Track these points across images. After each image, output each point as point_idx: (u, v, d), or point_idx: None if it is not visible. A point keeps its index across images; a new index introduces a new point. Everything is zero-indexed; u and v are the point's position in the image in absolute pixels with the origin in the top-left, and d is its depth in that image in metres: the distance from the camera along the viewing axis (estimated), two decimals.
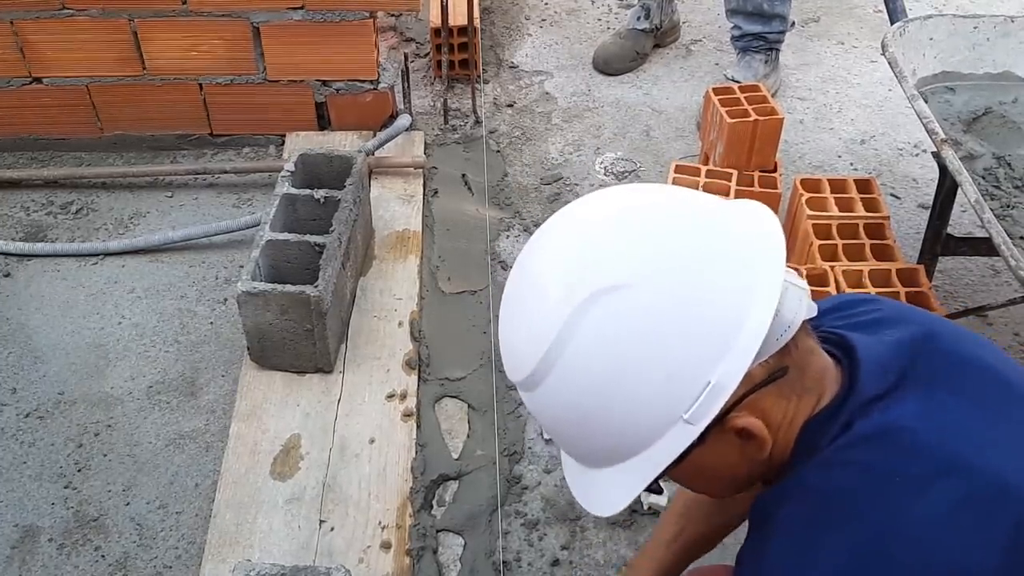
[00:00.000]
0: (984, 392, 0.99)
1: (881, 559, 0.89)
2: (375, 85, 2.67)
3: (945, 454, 0.92)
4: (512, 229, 2.52)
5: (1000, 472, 0.92)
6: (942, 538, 0.89)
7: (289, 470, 1.85)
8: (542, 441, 1.98)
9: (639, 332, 0.88)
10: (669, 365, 0.89)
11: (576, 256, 0.92)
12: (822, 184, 2.30)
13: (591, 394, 0.91)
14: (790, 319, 0.91)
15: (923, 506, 0.90)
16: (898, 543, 0.89)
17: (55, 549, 1.79)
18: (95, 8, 2.51)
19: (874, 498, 0.91)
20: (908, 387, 0.97)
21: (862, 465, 0.93)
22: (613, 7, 3.52)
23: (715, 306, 0.89)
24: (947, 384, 0.98)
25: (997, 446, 0.94)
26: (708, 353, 0.88)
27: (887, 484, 0.91)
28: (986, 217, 1.71)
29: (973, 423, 0.96)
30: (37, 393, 2.07)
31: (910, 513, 0.90)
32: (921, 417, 0.95)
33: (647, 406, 0.90)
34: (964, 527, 0.89)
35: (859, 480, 0.93)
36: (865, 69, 3.18)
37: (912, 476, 0.91)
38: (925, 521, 0.89)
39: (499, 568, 1.76)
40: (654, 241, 0.91)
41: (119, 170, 2.66)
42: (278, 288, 1.92)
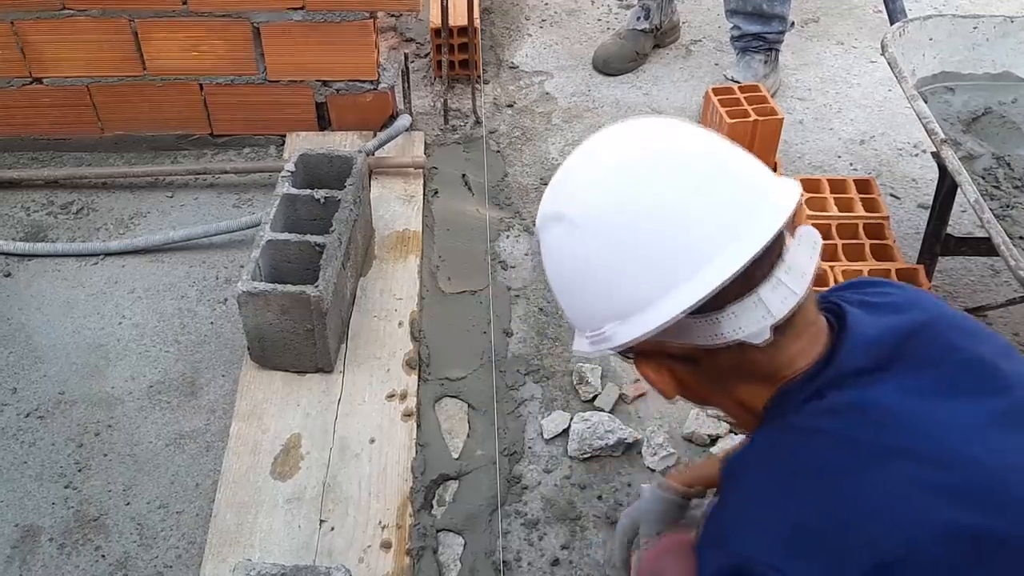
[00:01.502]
0: (971, 383, 0.99)
1: (835, 525, 0.91)
2: (375, 85, 2.67)
3: (912, 435, 0.94)
4: (512, 229, 2.52)
5: (965, 460, 0.93)
6: (896, 513, 0.90)
7: (289, 470, 1.85)
8: (542, 441, 1.98)
9: (568, 263, 1.02)
10: (578, 298, 1.03)
11: (568, 177, 1.05)
12: (822, 184, 2.30)
13: (550, 279, 1.08)
14: (732, 332, 0.96)
15: (881, 479, 0.92)
16: (853, 511, 0.91)
17: (56, 549, 1.79)
18: (95, 8, 2.51)
19: (834, 466, 0.94)
20: (893, 369, 0.99)
21: (827, 433, 0.97)
22: (613, 7, 3.52)
23: (631, 281, 0.96)
24: (933, 372, 0.99)
25: (969, 435, 0.95)
26: (606, 312, 0.99)
27: (849, 454, 0.94)
28: (986, 217, 1.72)
29: (950, 411, 0.96)
30: (38, 393, 2.07)
31: (867, 484, 0.92)
32: (897, 397, 0.96)
33: (572, 309, 1.06)
34: (918, 506, 0.90)
35: (821, 448, 0.96)
36: (865, 69, 3.18)
37: (875, 449, 0.94)
38: (881, 494, 0.91)
39: (499, 568, 1.76)
40: (620, 198, 0.97)
41: (119, 170, 2.66)
42: (278, 288, 1.92)
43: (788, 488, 0.96)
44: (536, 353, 2.17)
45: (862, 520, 0.90)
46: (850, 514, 0.91)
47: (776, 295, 0.96)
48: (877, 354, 1.00)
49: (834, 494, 0.93)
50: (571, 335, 1.13)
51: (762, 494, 0.97)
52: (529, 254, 2.44)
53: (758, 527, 0.95)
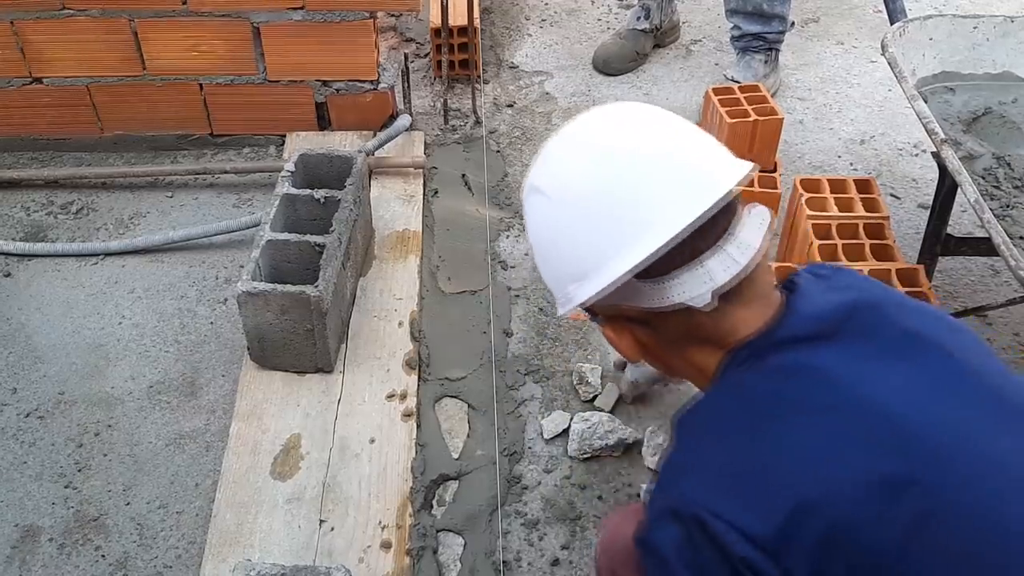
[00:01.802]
0: (909, 351, 1.06)
1: (760, 469, 1.00)
2: (375, 85, 2.67)
3: (839, 393, 1.02)
4: (512, 229, 2.52)
5: (887, 415, 0.99)
6: (815, 460, 0.98)
7: (289, 470, 1.85)
8: (542, 441, 1.98)
9: (540, 229, 1.15)
10: (549, 261, 1.16)
11: (545, 153, 1.16)
12: (822, 184, 2.30)
13: (530, 246, 1.20)
14: (677, 295, 1.06)
15: (805, 430, 1.00)
16: (776, 458, 1.00)
17: (55, 549, 1.79)
18: (95, 8, 2.51)
19: (762, 418, 1.03)
20: (834, 338, 1.06)
21: (760, 390, 1.06)
22: (613, 7, 3.52)
23: (586, 245, 1.08)
24: (872, 341, 1.06)
25: (897, 394, 1.01)
26: (568, 274, 1.11)
27: (777, 408, 1.03)
28: (986, 217, 1.72)
29: (883, 374, 1.03)
30: (37, 393, 2.07)
31: (792, 434, 1.00)
32: (832, 362, 1.04)
33: (546, 274, 1.18)
34: (836, 455, 0.98)
35: (753, 402, 1.05)
36: (865, 69, 3.18)
37: (802, 404, 1.02)
38: (803, 442, 0.99)
39: (499, 568, 1.76)
40: (582, 173, 1.09)
41: (119, 170, 2.66)
42: (278, 288, 1.92)
43: (720, 437, 1.06)
44: (536, 353, 2.17)
45: (785, 466, 0.99)
46: (774, 460, 1.00)
47: (720, 264, 1.05)
48: (819, 325, 1.07)
49: (760, 442, 1.02)
50: None
51: (698, 443, 1.09)
52: (529, 254, 2.44)
53: (692, 472, 1.05)
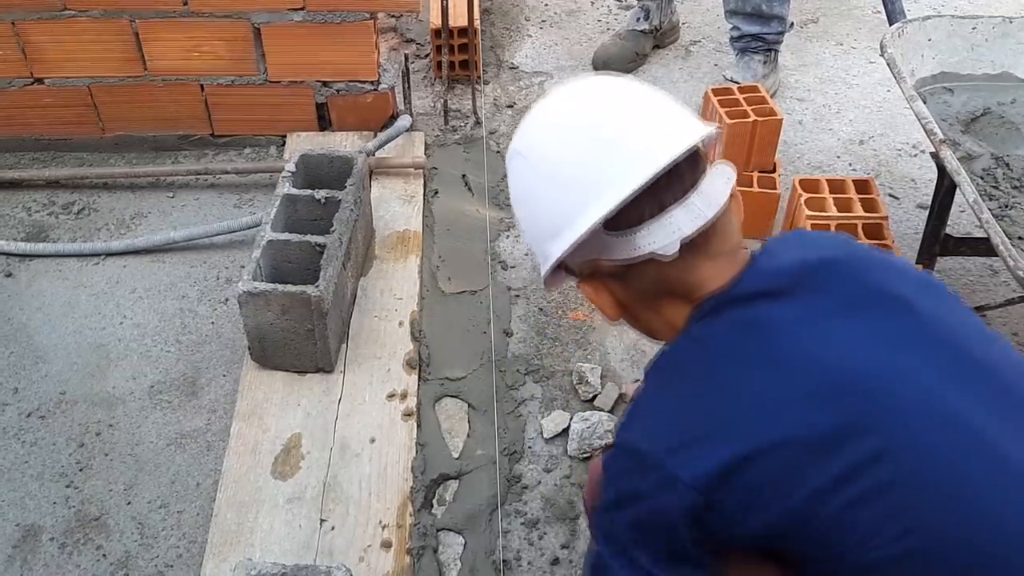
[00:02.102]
0: (868, 306, 1.11)
1: (704, 418, 1.08)
2: (376, 86, 2.67)
3: (789, 347, 1.07)
4: (512, 229, 2.52)
5: (834, 369, 1.04)
6: (757, 411, 1.05)
7: (290, 469, 1.86)
8: (542, 441, 1.99)
9: (520, 190, 1.25)
10: (529, 221, 1.23)
11: (525, 121, 1.24)
12: (821, 184, 2.30)
13: (513, 208, 1.29)
14: (646, 245, 1.12)
15: (750, 382, 1.06)
16: (720, 407, 1.07)
17: (57, 548, 1.79)
18: (96, 9, 2.51)
19: (711, 369, 1.11)
20: (792, 293, 1.11)
21: (713, 342, 1.13)
22: (613, 8, 3.53)
23: (558, 203, 1.16)
24: (831, 297, 1.11)
25: (849, 348, 1.06)
26: (545, 231, 1.19)
27: (727, 360, 1.10)
28: (984, 217, 1.72)
29: (838, 329, 1.08)
30: (39, 393, 2.08)
31: (737, 385, 1.07)
32: (787, 316, 1.10)
33: (528, 234, 1.25)
34: (777, 408, 1.04)
35: (705, 354, 1.13)
36: (864, 70, 3.19)
37: (752, 357, 1.08)
38: (747, 394, 1.06)
39: (499, 567, 1.76)
40: (555, 136, 1.18)
41: (121, 170, 2.66)
42: (279, 288, 1.93)
43: (671, 387, 1.15)
44: (536, 353, 2.17)
45: (728, 415, 1.06)
46: (718, 409, 1.07)
47: (686, 215, 1.12)
48: (778, 280, 1.13)
49: (706, 392, 1.09)
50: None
51: (652, 392, 1.18)
52: (529, 254, 2.45)
53: (646, 416, 1.15)
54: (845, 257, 1.17)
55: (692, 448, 1.06)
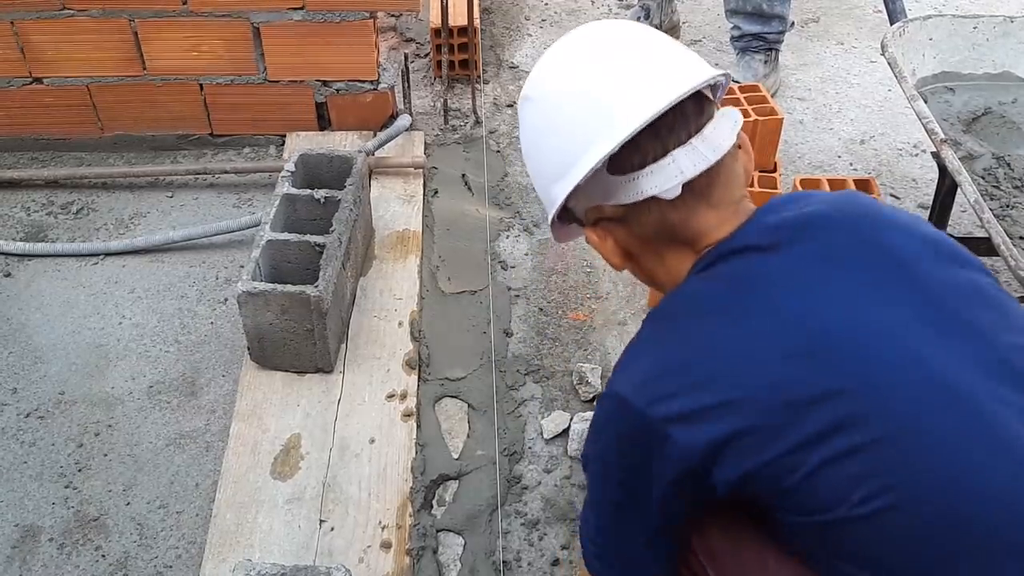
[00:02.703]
0: (859, 261, 1.10)
1: (686, 366, 1.09)
2: (375, 85, 2.67)
3: (773, 301, 1.08)
4: (512, 229, 2.52)
5: (814, 325, 1.05)
6: (736, 363, 1.06)
7: (289, 470, 1.85)
8: (542, 441, 1.99)
9: (528, 134, 1.26)
10: (536, 163, 1.25)
11: (536, 66, 1.26)
12: (822, 184, 2.29)
13: (523, 152, 1.30)
14: (648, 187, 1.13)
15: (732, 334, 1.08)
16: (702, 357, 1.09)
17: (56, 549, 1.79)
18: (96, 8, 2.51)
19: (697, 320, 1.12)
20: (786, 248, 1.11)
21: (702, 294, 1.14)
22: (613, 7, 3.52)
23: (563, 143, 1.17)
24: (824, 255, 1.11)
25: (830, 303, 1.07)
26: (550, 174, 1.20)
27: (712, 311, 1.11)
28: (985, 217, 1.72)
29: (823, 283, 1.08)
30: (38, 393, 2.07)
31: (719, 336, 1.09)
32: (774, 270, 1.10)
33: (536, 178, 1.26)
34: (756, 360, 1.05)
35: (692, 305, 1.14)
36: (865, 69, 3.18)
37: (736, 309, 1.09)
38: (728, 345, 1.07)
39: (499, 568, 1.76)
40: (562, 77, 1.19)
41: (120, 170, 2.66)
42: (278, 288, 1.92)
43: (658, 336, 1.17)
44: (536, 353, 2.17)
45: (709, 365, 1.08)
46: (700, 359, 1.09)
47: (689, 158, 1.12)
48: (774, 234, 1.13)
49: (689, 342, 1.11)
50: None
51: (640, 341, 1.19)
52: (529, 254, 2.44)
53: (633, 363, 1.17)
54: (848, 212, 1.16)
55: (670, 397, 1.08)
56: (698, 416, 1.05)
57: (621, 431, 1.14)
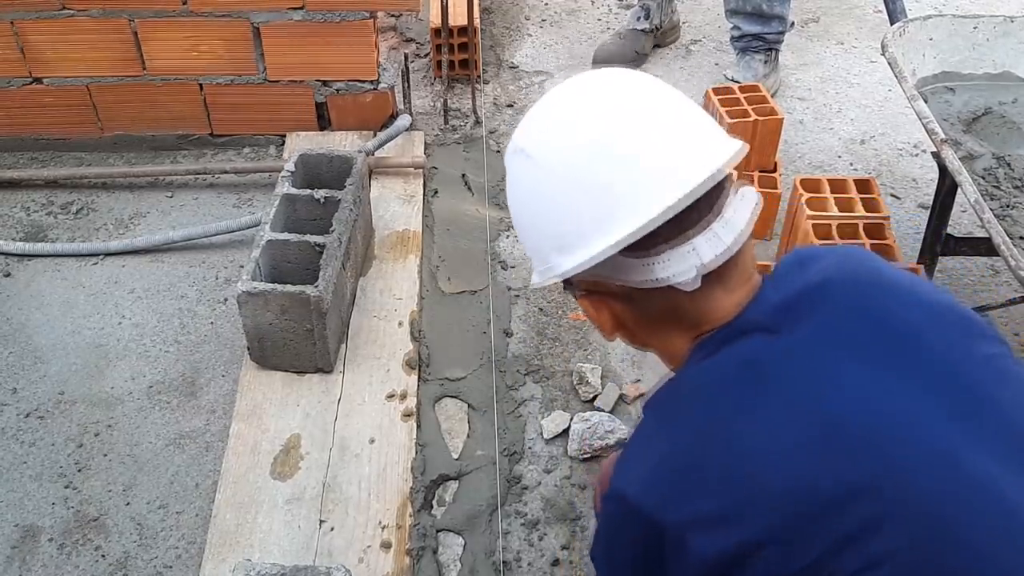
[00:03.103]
0: (868, 341, 1.04)
1: (691, 466, 1.01)
2: (375, 85, 2.67)
3: (786, 391, 1.00)
4: (512, 229, 2.52)
5: (830, 416, 0.98)
6: (746, 463, 0.98)
7: (289, 470, 1.85)
8: (542, 441, 1.98)
9: (523, 193, 1.13)
10: (531, 228, 1.13)
11: (533, 116, 1.13)
12: (822, 184, 2.30)
13: (511, 209, 1.18)
14: (662, 272, 1.04)
15: (741, 430, 1.00)
16: (710, 457, 1.00)
17: (55, 549, 1.79)
18: (95, 8, 2.51)
19: (703, 414, 1.04)
20: (795, 328, 1.04)
21: (708, 384, 1.06)
22: (613, 7, 3.52)
23: (570, 215, 1.06)
24: (837, 334, 1.04)
25: (847, 391, 0.99)
26: (550, 242, 1.09)
27: (720, 404, 1.03)
28: (986, 217, 1.72)
29: (836, 368, 1.01)
30: (37, 393, 2.07)
31: (728, 433, 1.00)
32: (787, 355, 1.03)
33: (527, 239, 1.16)
34: (766, 459, 0.97)
35: (699, 396, 1.06)
36: (865, 69, 3.18)
37: (745, 402, 1.01)
38: (738, 444, 0.99)
39: (499, 568, 1.76)
40: (573, 139, 1.06)
41: (119, 170, 2.66)
42: (278, 288, 1.92)
43: (662, 431, 1.08)
44: (536, 353, 2.17)
45: (723, 464, 0.99)
46: (712, 457, 1.00)
47: (708, 244, 1.03)
48: (779, 313, 1.06)
49: (699, 437, 1.02)
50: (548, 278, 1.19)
51: (643, 435, 1.11)
52: (525, 255, 2.44)
53: (635, 465, 1.08)
54: (850, 281, 1.09)
55: (676, 503, 1.00)
56: (715, 521, 0.97)
57: (632, 535, 1.05)
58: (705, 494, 0.98)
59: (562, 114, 1.10)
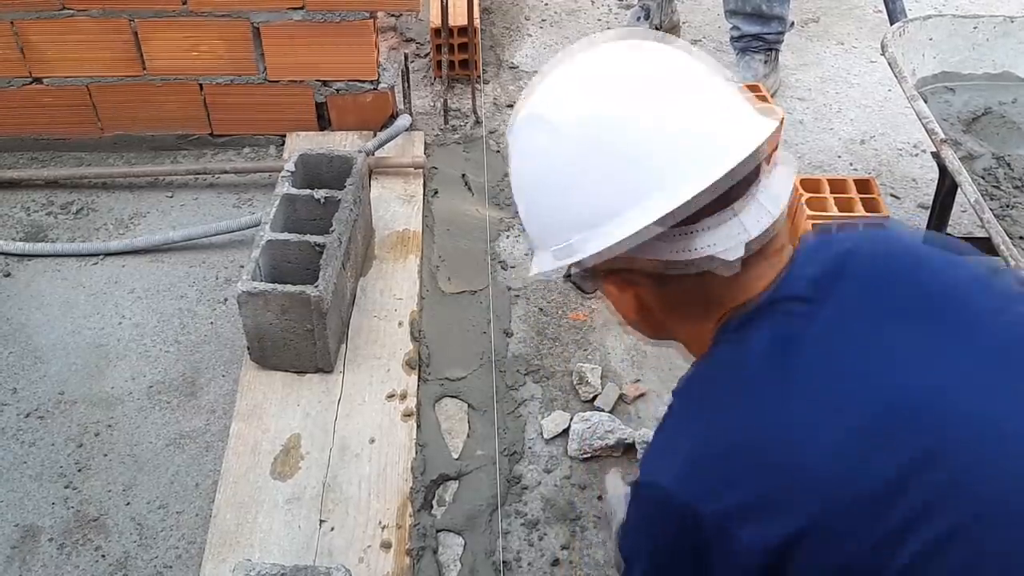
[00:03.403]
0: (909, 309, 0.98)
1: (724, 453, 0.94)
2: (375, 85, 2.67)
3: (832, 369, 0.94)
4: (512, 229, 2.52)
5: (886, 393, 0.92)
6: (783, 447, 0.91)
7: (289, 470, 1.85)
8: (542, 441, 1.98)
9: (539, 166, 1.01)
10: (545, 205, 1.02)
11: (551, 83, 1.03)
12: (822, 184, 2.30)
13: (519, 183, 1.07)
14: (704, 246, 0.95)
15: (776, 413, 0.93)
16: (745, 441, 0.93)
17: (55, 549, 1.79)
18: (96, 8, 2.51)
19: (735, 396, 0.96)
20: (835, 298, 0.97)
21: (739, 364, 0.98)
22: (613, 7, 3.52)
23: (601, 189, 0.96)
24: (880, 303, 0.98)
25: (896, 365, 0.93)
26: (574, 222, 0.98)
27: (753, 386, 0.96)
28: (986, 217, 1.72)
29: (875, 339, 0.95)
30: (38, 393, 2.07)
31: (763, 416, 0.93)
32: (827, 328, 0.96)
33: (539, 217, 1.04)
34: (819, 429, 0.90)
35: (729, 377, 0.99)
36: (865, 69, 3.18)
37: (791, 382, 0.94)
38: (773, 427, 0.92)
39: (499, 568, 1.76)
40: (607, 105, 0.96)
41: (119, 170, 2.66)
42: (278, 288, 1.92)
43: (695, 416, 1.00)
44: (536, 353, 2.17)
45: (766, 446, 0.92)
46: (753, 440, 0.93)
47: (752, 214, 0.96)
48: (811, 286, 0.99)
49: (737, 419, 0.95)
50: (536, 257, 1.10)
51: (673, 423, 1.03)
52: (529, 254, 2.44)
53: (666, 454, 1.00)
54: (882, 251, 1.04)
55: (712, 492, 0.92)
56: (762, 509, 0.90)
57: (668, 531, 0.96)
58: (746, 481, 0.91)
59: (589, 78, 0.99)
